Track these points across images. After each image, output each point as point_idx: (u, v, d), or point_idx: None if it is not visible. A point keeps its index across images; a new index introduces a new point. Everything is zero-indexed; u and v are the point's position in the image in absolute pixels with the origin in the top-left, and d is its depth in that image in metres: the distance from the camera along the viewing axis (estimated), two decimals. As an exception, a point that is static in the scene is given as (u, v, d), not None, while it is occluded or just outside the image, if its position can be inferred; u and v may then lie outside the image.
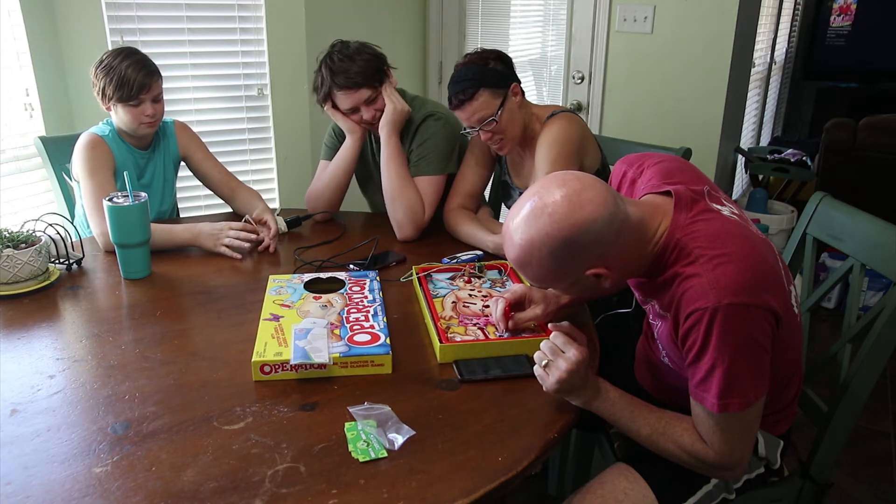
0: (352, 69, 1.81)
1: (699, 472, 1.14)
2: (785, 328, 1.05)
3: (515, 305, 1.36)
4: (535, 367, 1.12)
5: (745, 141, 4.00)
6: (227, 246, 1.75)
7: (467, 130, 1.75)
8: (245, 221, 1.83)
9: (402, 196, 1.85)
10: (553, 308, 1.36)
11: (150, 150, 1.94)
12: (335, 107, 1.91)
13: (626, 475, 1.20)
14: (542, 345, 1.13)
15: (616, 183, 1.27)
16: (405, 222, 1.85)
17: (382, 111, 1.87)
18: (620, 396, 1.14)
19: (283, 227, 1.91)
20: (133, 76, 1.74)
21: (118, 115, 1.81)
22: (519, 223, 1.05)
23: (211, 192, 2.07)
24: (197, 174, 2.04)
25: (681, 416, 1.13)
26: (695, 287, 1.01)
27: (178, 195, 2.16)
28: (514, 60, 1.78)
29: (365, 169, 2.09)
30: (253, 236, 1.78)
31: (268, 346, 1.23)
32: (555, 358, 1.10)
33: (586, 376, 1.11)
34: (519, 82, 1.75)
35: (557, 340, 1.11)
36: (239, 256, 1.75)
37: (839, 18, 5.19)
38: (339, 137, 2.03)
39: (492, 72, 1.69)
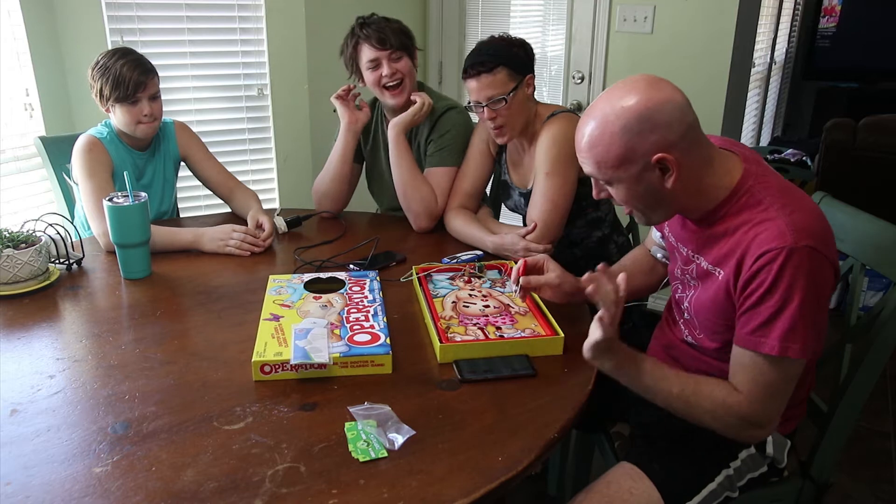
0: (384, 25, 1.87)
1: (728, 432, 1.14)
2: None
3: (533, 271, 1.36)
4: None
5: (745, 141, 4.00)
6: (234, 248, 1.76)
7: (471, 104, 1.74)
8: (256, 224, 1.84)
9: (416, 189, 1.88)
10: (569, 279, 1.34)
11: (150, 150, 1.94)
12: (360, 75, 1.93)
13: (631, 475, 1.20)
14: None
15: None
16: (421, 213, 1.88)
17: (401, 72, 1.89)
18: (648, 359, 1.16)
19: (282, 227, 1.91)
20: (129, 75, 1.75)
21: (117, 116, 1.81)
22: (597, 101, 1.11)
23: (210, 192, 2.08)
24: (196, 174, 2.05)
25: (709, 377, 1.14)
26: (770, 229, 1.04)
27: (178, 195, 2.16)
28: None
29: (376, 166, 2.11)
30: (260, 241, 1.78)
31: (268, 346, 1.23)
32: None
33: (608, 347, 1.12)
34: (534, 76, 1.75)
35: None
36: (247, 254, 1.76)
37: (824, 20, 5.19)
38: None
39: (515, 55, 1.70)
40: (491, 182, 2.04)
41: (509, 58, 1.68)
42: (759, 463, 1.25)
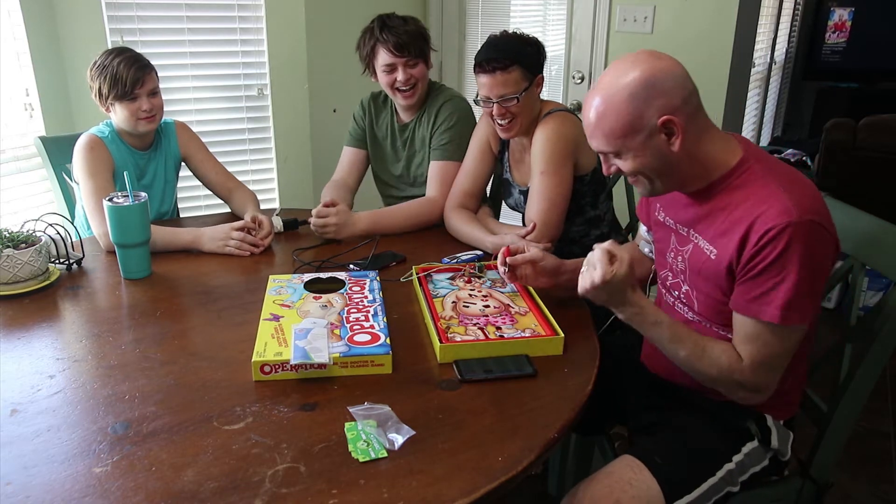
0: (402, 29, 1.89)
1: (726, 392, 1.19)
2: None
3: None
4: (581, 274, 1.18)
5: (745, 141, 4.00)
6: (233, 248, 1.75)
7: (479, 99, 1.74)
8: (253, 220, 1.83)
9: (414, 220, 1.92)
10: (551, 257, 1.43)
11: (151, 150, 1.94)
12: (374, 72, 1.97)
13: (631, 467, 1.21)
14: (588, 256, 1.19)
15: None
16: (430, 223, 1.94)
17: (415, 77, 1.93)
18: (663, 317, 1.19)
19: (278, 226, 1.91)
20: (125, 72, 1.76)
21: (117, 114, 1.82)
22: (601, 78, 1.17)
23: (210, 192, 2.08)
24: (196, 174, 2.05)
25: (718, 339, 1.18)
26: (775, 206, 1.08)
27: (178, 195, 2.16)
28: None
29: (384, 159, 2.14)
30: (259, 241, 1.78)
31: (268, 346, 1.23)
32: (590, 269, 1.16)
33: (623, 292, 1.16)
34: (543, 77, 1.76)
35: (595, 254, 1.16)
36: (246, 254, 1.76)
37: (834, 35, 5.19)
38: (361, 126, 2.13)
39: (529, 55, 1.71)
40: (492, 180, 2.04)
41: (524, 57, 1.69)
42: (762, 456, 1.26)
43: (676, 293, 1.30)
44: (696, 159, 1.17)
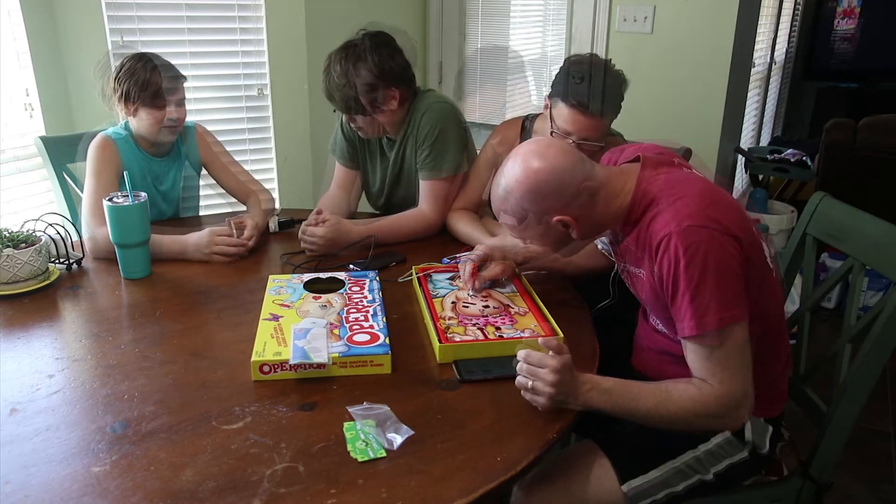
0: (347, 89, 1.79)
1: (714, 424, 1.19)
2: (756, 271, 1.14)
3: (481, 266, 1.50)
4: (523, 393, 1.12)
5: (745, 141, 4.00)
6: (218, 253, 1.70)
7: (554, 133, 1.70)
8: (229, 224, 1.77)
9: (404, 233, 1.86)
10: (510, 266, 1.52)
11: (171, 156, 1.94)
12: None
13: (587, 449, 1.24)
14: (518, 368, 1.12)
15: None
16: (420, 236, 1.88)
17: (377, 121, 1.84)
18: (615, 383, 1.15)
19: (274, 227, 1.90)
20: (158, 80, 1.76)
21: (140, 120, 1.80)
22: (502, 167, 1.24)
23: (211, 194, 2.08)
24: (215, 178, 2.04)
25: (676, 379, 1.16)
26: (659, 222, 1.13)
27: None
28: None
29: (368, 171, 2.08)
30: (243, 241, 1.73)
31: (267, 346, 1.23)
32: (535, 375, 1.10)
33: (573, 378, 1.11)
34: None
35: (531, 359, 1.11)
36: (234, 257, 1.72)
37: (843, 21, 5.18)
38: (347, 137, 2.03)
39: (619, 103, 1.69)
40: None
41: (619, 107, 1.69)
42: (739, 448, 1.25)
43: (648, 311, 1.33)
44: (598, 226, 1.24)
